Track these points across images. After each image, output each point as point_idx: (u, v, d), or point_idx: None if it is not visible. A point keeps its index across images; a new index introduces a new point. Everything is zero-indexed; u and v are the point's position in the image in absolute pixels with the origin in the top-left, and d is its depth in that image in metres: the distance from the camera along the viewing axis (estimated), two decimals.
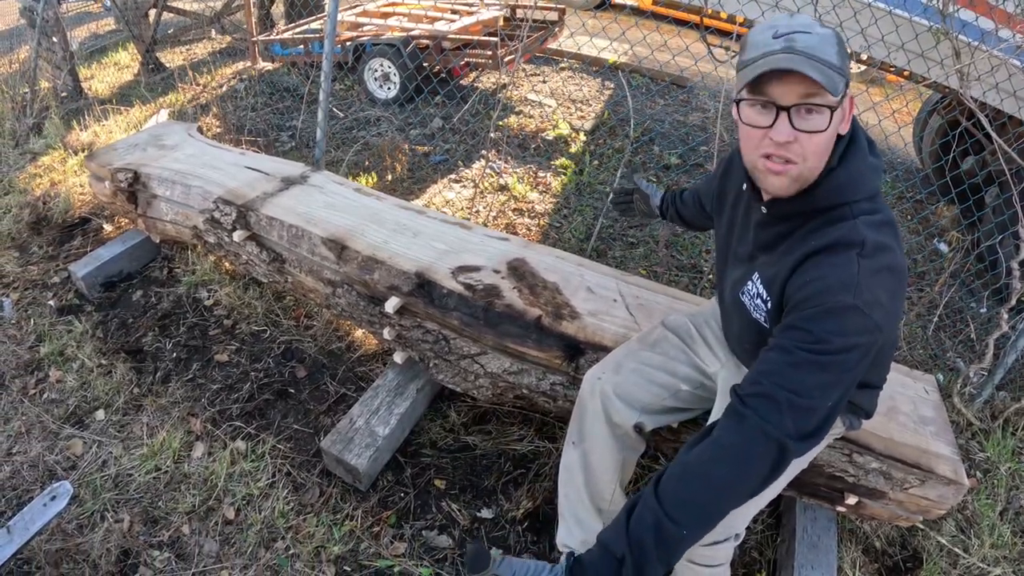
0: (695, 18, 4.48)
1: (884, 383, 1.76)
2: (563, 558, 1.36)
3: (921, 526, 2.57)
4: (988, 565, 2.51)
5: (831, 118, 1.29)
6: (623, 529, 1.28)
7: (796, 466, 1.80)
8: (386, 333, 2.51)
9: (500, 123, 5.75)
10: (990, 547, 2.57)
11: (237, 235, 2.77)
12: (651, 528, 1.25)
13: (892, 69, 3.43)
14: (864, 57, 3.22)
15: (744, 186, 1.61)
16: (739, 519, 1.74)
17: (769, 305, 1.48)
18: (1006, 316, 2.97)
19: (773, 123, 1.31)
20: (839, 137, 1.38)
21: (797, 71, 1.24)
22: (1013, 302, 2.93)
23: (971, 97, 2.81)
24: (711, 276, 3.58)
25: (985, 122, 2.76)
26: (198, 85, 6.07)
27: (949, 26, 2.75)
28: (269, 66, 6.76)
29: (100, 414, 2.73)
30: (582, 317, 2.27)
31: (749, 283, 1.56)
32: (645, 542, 1.24)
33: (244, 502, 2.40)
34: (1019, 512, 2.78)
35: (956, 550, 2.54)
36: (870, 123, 4.41)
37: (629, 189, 2.44)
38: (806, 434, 1.26)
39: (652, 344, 2.02)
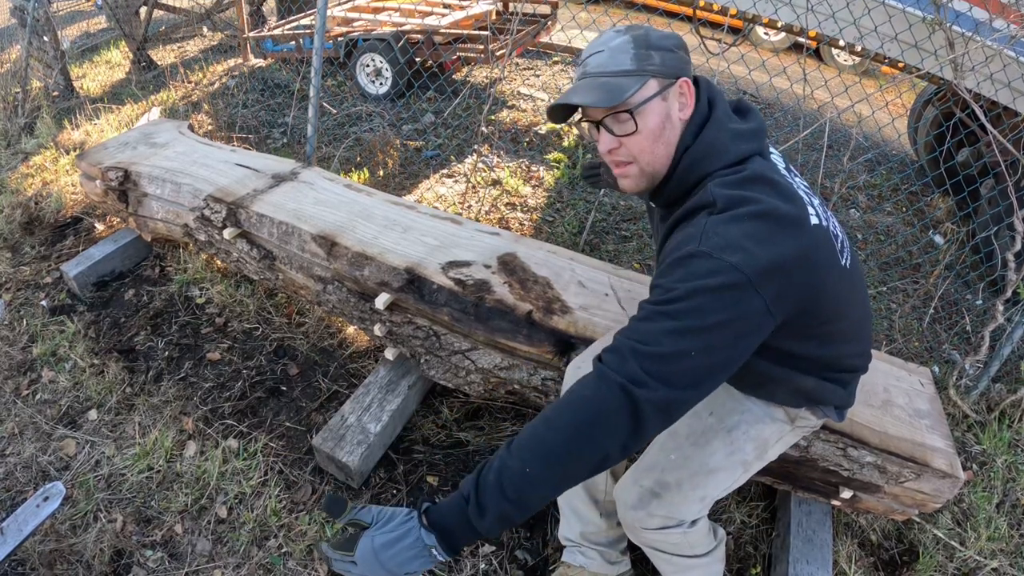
0: (687, 10, 4.47)
1: (853, 371, 1.71)
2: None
3: (917, 519, 2.58)
4: (985, 558, 2.52)
5: (637, 118, 1.41)
6: (475, 473, 1.29)
7: (759, 452, 1.78)
8: (377, 329, 2.51)
9: (492, 117, 5.75)
10: (986, 540, 2.58)
11: (227, 233, 2.77)
12: (494, 468, 1.25)
13: (886, 60, 3.43)
14: (858, 48, 3.22)
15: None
16: (683, 506, 1.72)
17: None
18: (1001, 308, 2.97)
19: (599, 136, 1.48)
20: (694, 113, 1.46)
21: (573, 103, 1.43)
22: (1009, 294, 2.94)
23: (965, 88, 2.81)
24: None
25: (979, 113, 2.76)
26: (190, 83, 6.08)
27: (943, 16, 2.76)
28: (261, 62, 6.76)
29: (93, 414, 2.73)
30: (573, 312, 2.28)
31: None
32: (488, 479, 1.24)
33: (236, 500, 2.40)
34: (1015, 505, 2.78)
35: (952, 543, 2.55)
36: (863, 114, 4.41)
37: (596, 163, 2.46)
38: (660, 378, 1.20)
39: None
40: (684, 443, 1.73)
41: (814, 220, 1.35)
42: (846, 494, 2.18)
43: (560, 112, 1.51)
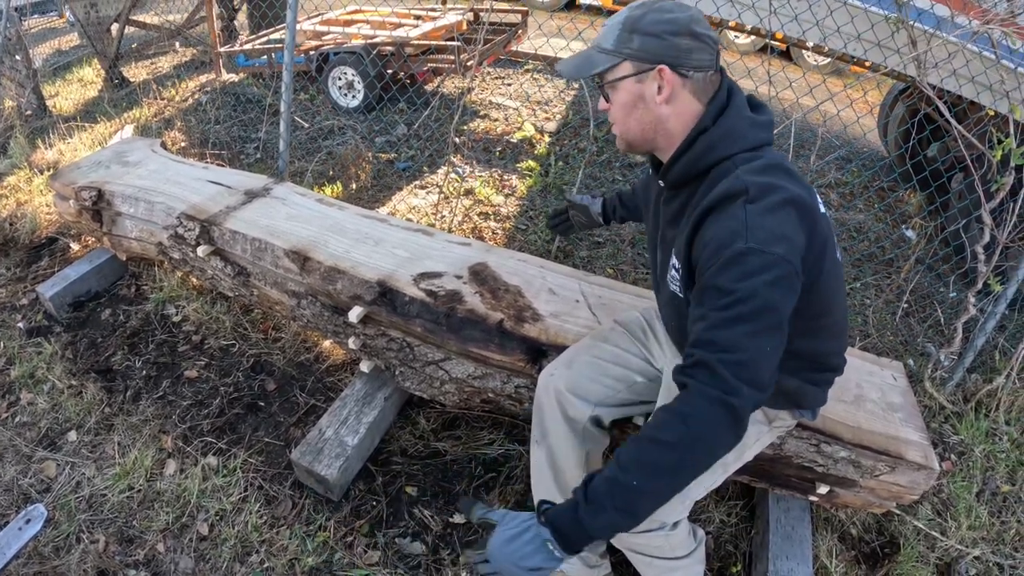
0: None
1: (833, 371, 1.80)
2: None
3: (897, 511, 2.62)
4: (966, 547, 2.57)
5: (608, 91, 1.58)
6: (583, 482, 1.39)
7: (738, 453, 1.86)
8: (351, 343, 2.55)
9: (464, 127, 5.80)
10: (967, 529, 2.63)
11: (201, 250, 2.80)
12: (605, 479, 1.35)
13: (851, 60, 3.49)
14: (824, 48, 3.28)
15: (651, 170, 1.79)
16: (665, 508, 1.78)
17: (681, 272, 1.57)
18: (973, 300, 3.03)
19: None
20: (713, 101, 1.55)
21: (557, 68, 1.63)
22: (980, 286, 3.00)
23: (929, 84, 2.87)
24: None
25: (943, 108, 2.82)
26: (162, 99, 6.09)
27: (905, 15, 2.81)
28: (233, 78, 6.79)
29: (72, 435, 2.76)
30: (544, 319, 2.33)
31: (672, 259, 1.64)
32: (598, 490, 1.34)
33: (217, 517, 2.43)
34: (995, 493, 2.83)
35: (933, 533, 2.60)
36: (829, 112, 4.47)
37: (562, 208, 2.52)
38: (751, 383, 1.31)
39: (604, 339, 2.09)
40: None
41: (822, 208, 1.51)
42: (823, 490, 2.22)
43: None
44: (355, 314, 2.42)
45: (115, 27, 6.49)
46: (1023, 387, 3.17)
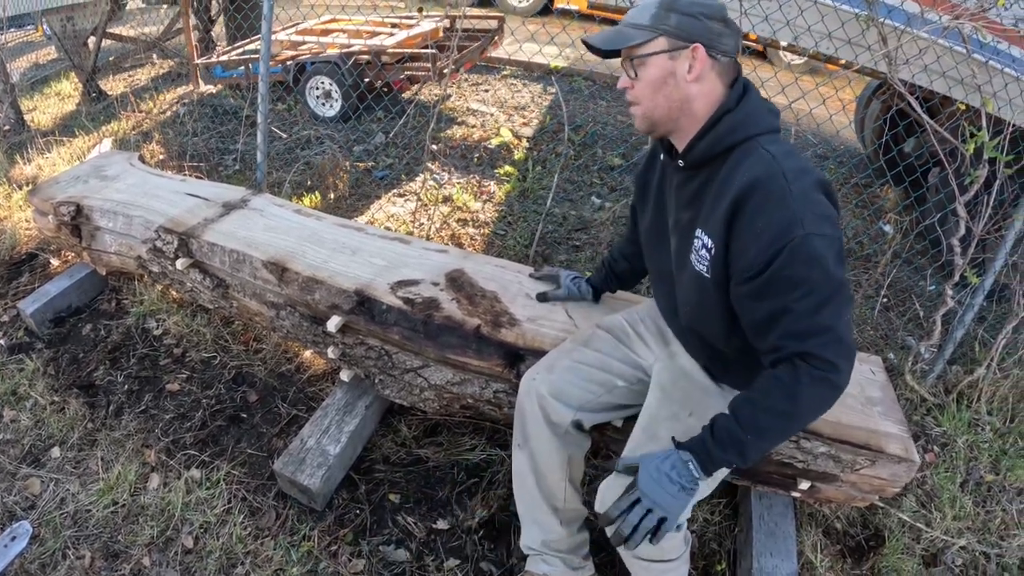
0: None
1: None
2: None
3: (881, 504, 2.65)
4: (952, 537, 2.61)
5: (637, 67, 1.62)
6: (712, 421, 1.65)
7: None
8: (331, 352, 2.58)
9: (442, 134, 5.84)
10: (952, 519, 2.67)
11: (180, 263, 2.82)
12: (725, 428, 1.61)
13: (822, 58, 3.53)
14: (798, 48, 3.31)
15: (663, 156, 1.84)
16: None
17: (713, 252, 1.63)
18: (951, 292, 3.07)
19: None
20: (733, 86, 1.63)
21: (589, 42, 1.66)
22: (956, 278, 3.04)
23: (900, 80, 2.91)
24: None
25: (914, 104, 2.85)
26: (141, 112, 6.10)
27: (875, 13, 2.85)
28: (211, 89, 6.80)
29: (56, 451, 2.77)
30: (521, 324, 2.35)
31: (695, 241, 1.70)
32: (721, 434, 1.61)
33: (202, 530, 2.45)
34: (979, 482, 2.87)
35: (918, 525, 2.63)
36: (801, 111, 4.51)
37: (543, 294, 2.55)
38: (847, 356, 1.50)
39: (585, 343, 2.13)
40: None
41: None
42: (804, 485, 2.24)
43: (596, 49, 1.69)
44: (334, 324, 2.44)
45: (92, 40, 6.49)
46: (1004, 377, 3.21)
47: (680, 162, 1.72)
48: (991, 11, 2.86)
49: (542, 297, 2.50)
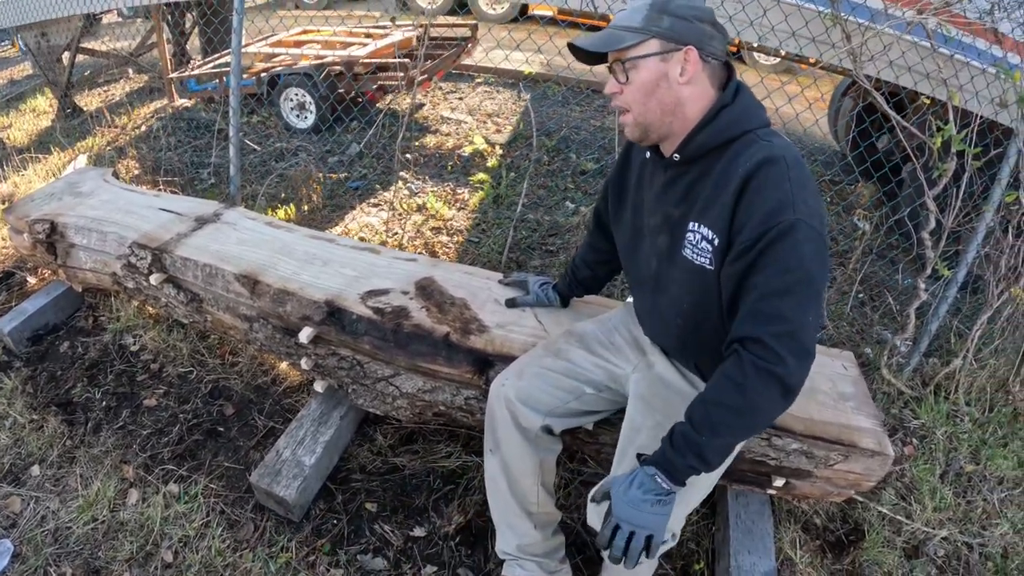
0: (604, 24, 4.61)
1: None
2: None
3: (860, 498, 2.68)
4: (933, 528, 2.64)
5: (628, 70, 1.62)
6: (669, 431, 1.65)
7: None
8: (304, 363, 2.60)
9: (416, 143, 5.88)
10: (932, 511, 2.70)
11: (154, 278, 2.85)
12: (682, 433, 1.60)
13: (788, 57, 3.57)
14: (768, 48, 3.34)
15: (648, 155, 1.85)
16: (675, 520, 1.86)
17: (716, 243, 1.63)
18: (923, 285, 3.10)
19: None
20: (726, 85, 1.65)
21: (578, 44, 1.66)
22: (928, 271, 3.07)
23: (867, 76, 2.95)
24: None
25: (879, 100, 2.89)
26: (116, 127, 6.12)
27: (838, 11, 2.89)
28: (187, 103, 6.83)
29: (36, 470, 2.78)
30: (490, 330, 2.39)
31: (689, 235, 1.70)
32: (679, 440, 1.60)
33: (181, 544, 2.47)
34: (960, 473, 2.90)
35: (899, 518, 2.66)
36: (769, 109, 4.57)
37: (512, 300, 2.58)
38: (799, 354, 1.47)
39: (556, 351, 2.14)
40: None
41: None
42: (779, 482, 2.27)
43: (583, 54, 1.70)
44: (305, 335, 2.47)
45: (66, 55, 6.50)
46: (981, 367, 3.25)
47: (676, 156, 1.71)
48: (956, 5, 2.89)
49: (511, 303, 2.53)
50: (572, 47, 1.69)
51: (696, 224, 1.67)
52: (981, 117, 2.97)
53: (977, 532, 2.68)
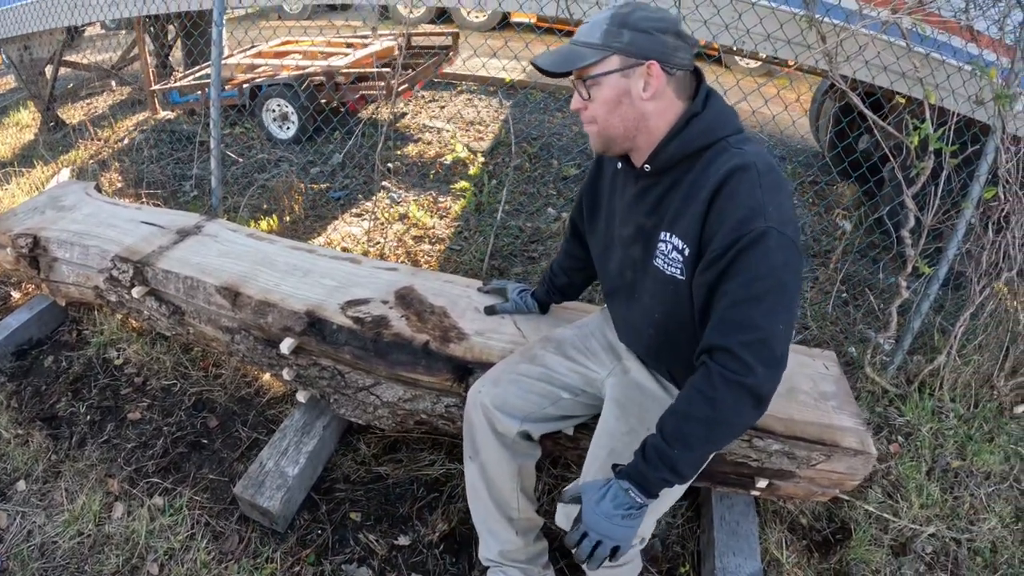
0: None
1: None
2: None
3: (845, 497, 2.70)
4: (920, 525, 2.66)
5: (590, 87, 1.62)
6: (641, 445, 1.65)
7: None
8: (286, 374, 2.62)
9: (398, 152, 5.90)
10: (919, 508, 2.72)
11: (136, 291, 2.86)
12: (654, 446, 1.59)
13: (765, 59, 3.59)
14: (744, 51, 3.37)
15: (619, 165, 1.84)
16: (645, 526, 1.87)
17: (687, 253, 1.63)
18: (904, 283, 3.13)
19: None
20: (696, 94, 1.65)
21: (537, 64, 1.65)
22: (909, 269, 3.09)
23: (843, 76, 2.97)
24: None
25: (855, 100, 2.92)
26: (99, 140, 6.13)
27: (812, 12, 2.91)
28: (170, 115, 6.84)
29: (21, 485, 2.79)
30: (469, 338, 2.40)
31: (661, 245, 1.70)
32: (651, 453, 1.60)
33: (167, 557, 2.48)
34: (946, 469, 2.92)
35: (885, 515, 2.68)
36: (743, 111, 4.60)
37: (491, 307, 2.60)
38: (768, 363, 1.47)
39: (531, 357, 2.16)
40: None
41: None
42: (762, 484, 2.29)
43: (547, 71, 1.68)
44: (286, 345, 2.48)
45: (49, 69, 6.51)
46: (965, 364, 3.27)
47: (647, 167, 1.70)
48: (930, 5, 2.92)
49: (490, 310, 2.55)
50: (535, 65, 1.67)
51: (667, 234, 1.68)
52: (958, 115, 3.00)
53: (965, 527, 2.70)
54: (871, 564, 2.52)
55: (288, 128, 6.15)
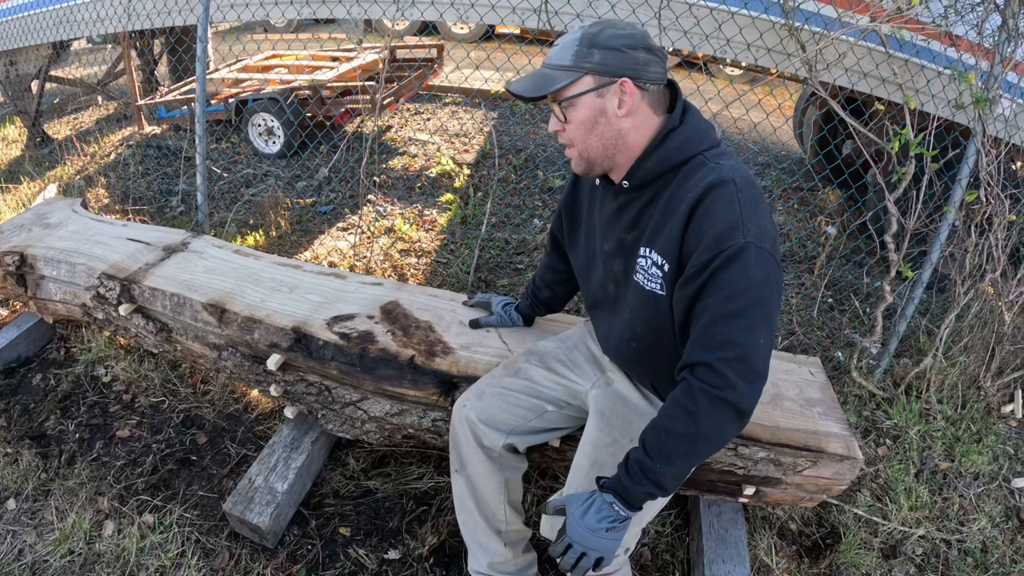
0: None
1: None
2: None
3: (834, 502, 2.72)
4: (910, 527, 2.69)
5: (566, 109, 1.64)
6: (624, 458, 1.67)
7: None
8: (273, 390, 2.64)
9: (384, 165, 5.93)
10: (909, 510, 2.75)
11: (123, 309, 2.87)
12: (637, 460, 1.61)
13: (746, 67, 3.63)
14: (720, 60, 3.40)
15: (597, 182, 1.86)
16: (629, 537, 1.89)
17: (667, 268, 1.65)
18: (888, 288, 3.16)
19: None
20: (672, 108, 1.67)
21: (510, 90, 1.65)
22: (892, 274, 3.13)
23: (823, 83, 3.01)
24: None
25: (836, 107, 2.95)
26: (85, 155, 6.14)
27: (792, 20, 2.94)
28: (156, 130, 6.85)
29: (11, 503, 2.80)
30: (455, 352, 2.43)
31: (640, 260, 1.72)
32: (634, 467, 1.62)
33: (158, 574, 2.49)
34: (935, 471, 2.95)
35: (875, 519, 2.71)
36: (724, 119, 4.63)
37: (476, 321, 2.62)
38: (749, 378, 1.49)
39: (515, 371, 2.18)
40: None
41: None
42: (749, 491, 2.31)
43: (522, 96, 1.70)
44: (273, 362, 2.50)
45: (35, 84, 6.52)
46: (951, 365, 3.30)
47: (625, 183, 1.72)
48: (908, 12, 2.95)
49: (475, 324, 2.57)
50: (509, 91, 1.68)
51: (647, 249, 1.70)
52: (939, 119, 3.03)
53: (955, 528, 2.73)
54: (861, 568, 2.55)
55: (274, 143, 6.17)
